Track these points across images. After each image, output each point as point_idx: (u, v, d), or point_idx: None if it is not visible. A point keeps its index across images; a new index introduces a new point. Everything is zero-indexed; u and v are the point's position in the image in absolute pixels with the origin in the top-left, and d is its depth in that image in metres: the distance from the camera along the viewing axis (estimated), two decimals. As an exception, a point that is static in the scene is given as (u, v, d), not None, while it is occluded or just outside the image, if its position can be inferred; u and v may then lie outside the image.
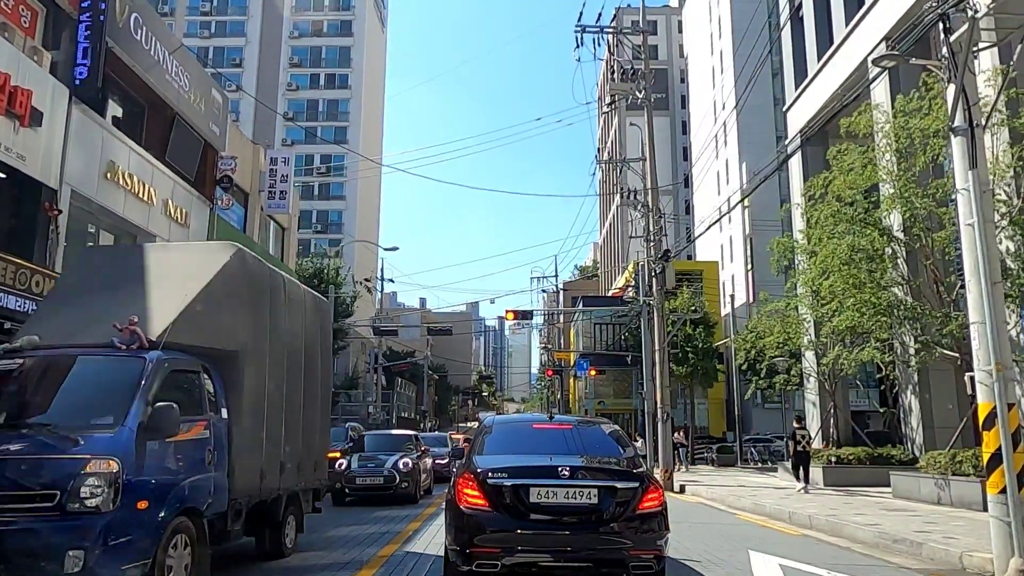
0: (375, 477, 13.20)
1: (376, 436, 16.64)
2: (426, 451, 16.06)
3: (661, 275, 19.28)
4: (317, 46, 72.18)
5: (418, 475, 13.94)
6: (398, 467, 13.32)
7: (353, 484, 13.16)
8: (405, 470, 13.31)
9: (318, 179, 68.02)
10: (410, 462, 13.58)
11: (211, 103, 17.70)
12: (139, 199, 14.26)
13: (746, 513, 12.70)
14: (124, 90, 14.95)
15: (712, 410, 44.34)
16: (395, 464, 13.38)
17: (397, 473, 13.19)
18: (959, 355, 13.43)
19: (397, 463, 13.38)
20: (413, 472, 13.52)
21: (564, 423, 6.97)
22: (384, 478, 13.15)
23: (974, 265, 7.13)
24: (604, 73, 46.10)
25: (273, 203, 21.89)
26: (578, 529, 5.31)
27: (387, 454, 13.87)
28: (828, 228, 14.71)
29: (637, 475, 5.61)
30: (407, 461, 13.54)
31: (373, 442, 15.42)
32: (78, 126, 12.40)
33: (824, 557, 8.06)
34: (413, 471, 13.53)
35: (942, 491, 12.56)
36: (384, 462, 13.44)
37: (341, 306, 38.43)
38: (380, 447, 14.74)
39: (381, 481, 13.13)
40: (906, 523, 9.87)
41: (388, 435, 17.04)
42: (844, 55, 21.38)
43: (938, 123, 12.90)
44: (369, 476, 13.23)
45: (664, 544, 5.53)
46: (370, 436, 16.48)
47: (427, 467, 15.72)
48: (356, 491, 13.16)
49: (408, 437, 16.13)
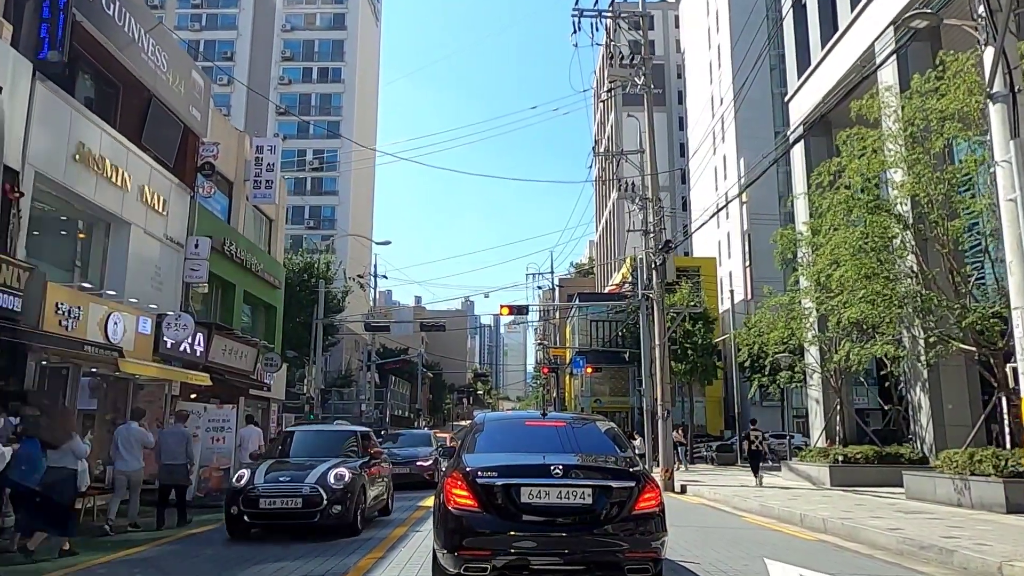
0: (290, 497, 8.91)
1: (306, 434, 11.96)
2: (379, 456, 11.49)
3: (661, 267, 18.59)
4: (310, 39, 71.23)
5: (360, 492, 9.46)
6: (327, 481, 8.98)
7: (255, 508, 8.82)
8: (338, 485, 8.98)
9: (311, 174, 67.13)
10: (347, 473, 9.20)
11: (192, 86, 16.89)
12: (112, 183, 13.44)
13: (753, 515, 12.02)
14: (96, 69, 14.13)
15: (710, 408, 43.76)
16: (323, 477, 9.06)
17: (324, 490, 8.88)
18: (976, 349, 12.80)
19: (326, 475, 9.08)
20: (351, 488, 9.15)
21: (558, 420, 6.68)
22: (304, 498, 8.86)
23: (1016, 244, 6.47)
24: (603, 59, 45.37)
25: (259, 193, 21.07)
26: (571, 530, 5.11)
27: (318, 460, 9.68)
28: (839, 216, 14.05)
29: (633, 474, 5.41)
30: (342, 472, 9.18)
31: (301, 443, 11.07)
32: (43, 103, 11.60)
33: (846, 566, 7.38)
34: (351, 486, 9.15)
35: (960, 492, 11.89)
36: (306, 474, 9.16)
37: (332, 301, 37.65)
38: (310, 450, 10.53)
39: (299, 504, 8.85)
40: (929, 527, 9.19)
41: (322, 432, 12.41)
42: (849, 41, 20.76)
43: (956, 103, 12.26)
44: (281, 496, 8.92)
45: (661, 546, 5.31)
46: (299, 434, 11.75)
47: (382, 478, 11.28)
48: (260, 518, 8.97)
49: (349, 435, 11.62)
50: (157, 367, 13.28)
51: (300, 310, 34.34)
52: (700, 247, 55.16)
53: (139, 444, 10.36)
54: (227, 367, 17.71)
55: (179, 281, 16.52)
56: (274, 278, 23.34)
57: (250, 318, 23.19)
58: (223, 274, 19.32)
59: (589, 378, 44.13)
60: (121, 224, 14.24)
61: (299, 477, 9.20)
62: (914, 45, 17.28)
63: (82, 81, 13.82)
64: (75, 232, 14.17)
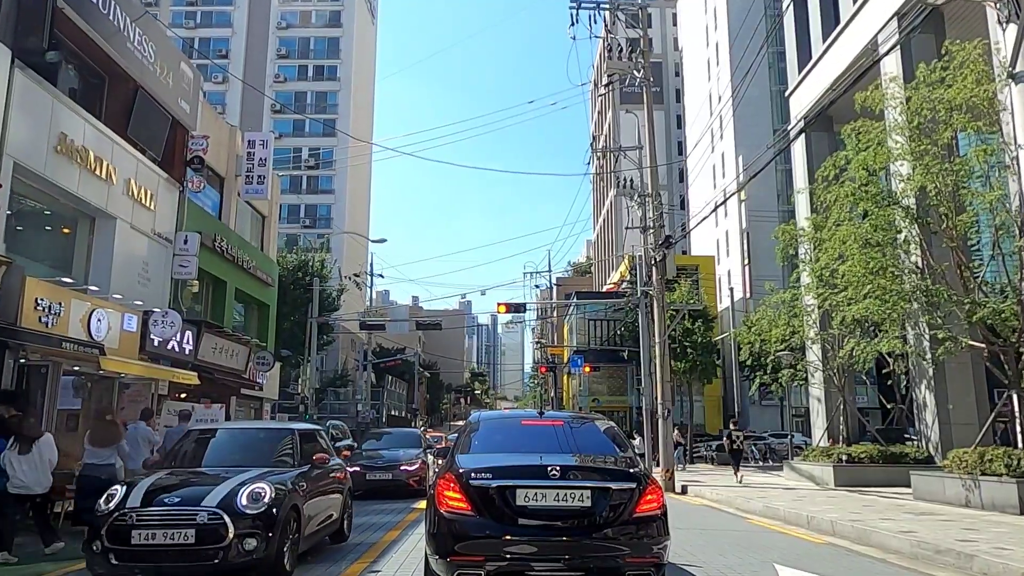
0: (177, 527, 5.97)
1: (223, 435, 8.31)
2: (325, 463, 7.82)
3: (661, 263, 18.22)
4: (305, 37, 70.73)
5: (290, 518, 6.56)
6: (236, 503, 6.15)
7: (125, 545, 5.92)
8: (253, 509, 6.15)
9: (306, 172, 66.67)
10: (267, 491, 6.31)
11: (180, 78, 16.47)
12: (96, 176, 13.03)
13: (758, 517, 11.65)
14: (80, 59, 13.70)
15: (709, 407, 43.42)
16: (231, 497, 6.18)
17: (231, 517, 6.02)
18: (986, 345, 12.45)
19: (237, 494, 6.21)
20: (274, 512, 6.26)
21: (555, 419, 6.40)
22: (198, 529, 5.96)
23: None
24: (601, 53, 45.01)
25: (251, 188, 20.66)
26: (569, 534, 4.89)
27: (235, 471, 6.73)
28: (845, 210, 13.70)
29: (634, 475, 5.19)
30: (260, 489, 6.30)
31: (217, 446, 7.77)
32: (23, 92, 11.20)
33: (861, 573, 7.04)
34: (275, 510, 6.26)
35: (970, 492, 11.55)
36: (207, 492, 6.25)
37: (327, 300, 37.24)
38: (227, 456, 7.44)
39: (190, 538, 5.94)
40: (943, 530, 8.83)
41: (247, 432, 8.73)
42: (851, 35, 20.44)
43: (965, 93, 11.92)
44: (164, 525, 5.98)
45: (664, 551, 5.08)
46: (223, 433, 8.42)
47: (333, 493, 8.13)
48: (133, 559, 5.97)
49: (283, 435, 8.01)
50: (142, 365, 12.88)
51: (295, 309, 33.94)
52: (698, 246, 54.85)
53: (146, 443, 10.30)
54: (217, 366, 17.32)
55: (168, 278, 16.12)
56: (267, 276, 22.95)
57: (242, 316, 22.79)
58: (214, 271, 18.93)
59: (587, 377, 43.79)
60: (106, 218, 13.83)
61: (195, 497, 6.17)
62: (918, 37, 16.96)
63: (65, 71, 13.38)
64: (59, 226, 13.78)
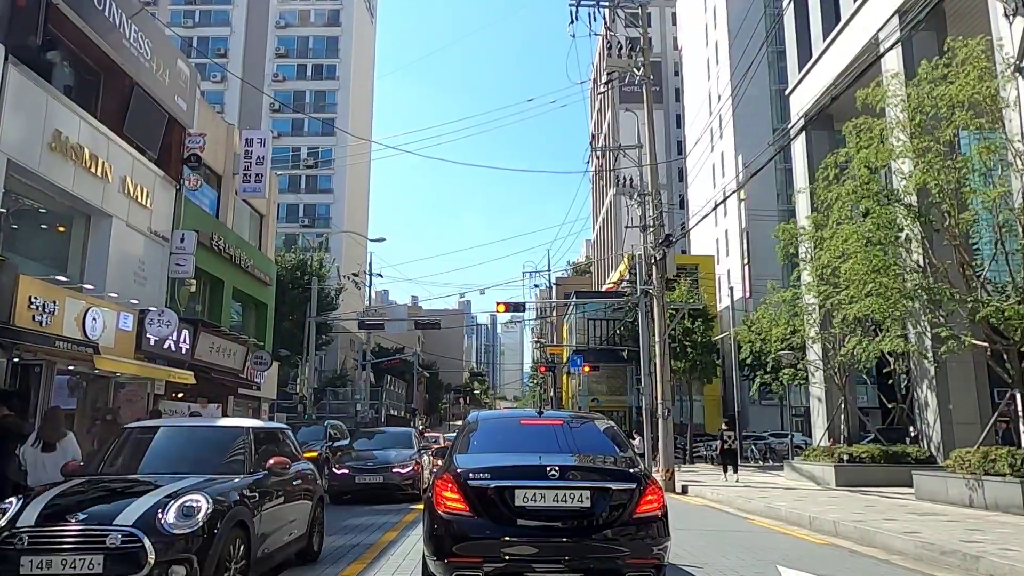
0: (82, 553, 4.64)
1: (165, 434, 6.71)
2: (285, 468, 6.35)
3: (661, 262, 18.12)
4: (304, 36, 70.61)
5: (235, 538, 5.27)
6: (159, 522, 4.80)
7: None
8: (184, 528, 4.83)
9: (305, 172, 66.54)
10: (203, 505, 4.99)
11: (177, 75, 16.35)
12: (91, 174, 12.91)
13: (759, 517, 11.54)
14: (75, 55, 13.59)
15: (708, 407, 43.35)
16: (152, 514, 4.84)
17: (152, 539, 4.70)
18: (989, 345, 12.35)
19: (162, 510, 4.88)
20: (211, 532, 4.96)
21: (554, 419, 6.34)
22: (109, 556, 4.62)
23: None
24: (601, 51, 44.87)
25: (248, 187, 20.56)
26: (568, 535, 4.83)
27: (171, 478, 5.45)
28: (847, 208, 13.61)
29: (634, 475, 5.13)
30: (194, 503, 4.99)
31: (156, 449, 6.39)
32: (16, 88, 11.07)
33: (865, 574, 6.92)
34: (211, 530, 4.96)
35: (974, 493, 11.45)
36: (124, 507, 4.91)
37: (326, 299, 37.12)
38: (168, 460, 6.16)
39: (98, 567, 4.58)
40: (947, 530, 8.73)
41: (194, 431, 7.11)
42: (852, 32, 20.36)
43: (967, 90, 11.82)
44: (66, 549, 4.66)
45: (664, 552, 5.02)
46: (163, 432, 6.74)
47: (298, 503, 6.76)
48: None
49: (236, 435, 6.55)
50: (137, 364, 12.77)
51: (293, 308, 33.84)
52: (698, 245, 54.78)
53: None
54: (214, 365, 17.20)
55: (164, 276, 16.01)
56: (265, 275, 22.84)
57: (240, 315, 22.68)
58: (211, 270, 18.81)
59: (586, 377, 43.68)
60: (102, 217, 13.72)
61: (107, 514, 4.84)
62: (919, 34, 16.88)
63: (60, 68, 13.28)
64: (54, 224, 13.66)
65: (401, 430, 17.51)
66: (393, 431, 17.13)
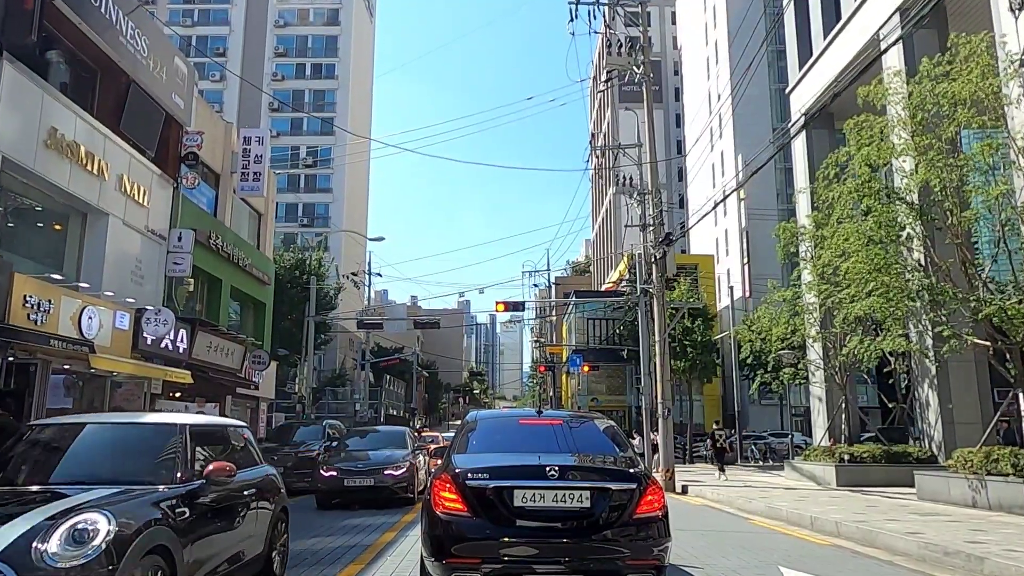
0: None
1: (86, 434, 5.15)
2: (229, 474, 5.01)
3: (661, 261, 18.04)
4: (303, 35, 70.49)
5: (151, 568, 3.88)
6: (36, 554, 3.42)
7: None
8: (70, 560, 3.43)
9: (304, 171, 66.44)
10: (100, 527, 3.63)
11: (174, 73, 16.28)
12: (87, 172, 12.84)
13: (760, 517, 11.46)
14: (72, 52, 13.52)
15: (708, 407, 43.27)
16: (27, 542, 3.45)
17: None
18: (991, 344, 12.28)
19: (39, 540, 3.48)
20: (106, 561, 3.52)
21: (554, 419, 6.28)
22: None
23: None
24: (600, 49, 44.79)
25: (246, 185, 20.46)
26: (568, 536, 4.78)
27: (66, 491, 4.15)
28: (848, 206, 13.52)
29: (634, 475, 5.07)
30: (89, 524, 3.63)
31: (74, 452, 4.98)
32: (11, 86, 11.00)
33: (867, 575, 6.84)
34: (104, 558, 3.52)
35: (977, 493, 11.38)
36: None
37: (324, 298, 37.02)
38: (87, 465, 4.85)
39: None
40: (950, 531, 8.65)
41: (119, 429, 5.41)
42: (852, 30, 20.29)
43: (970, 87, 11.74)
44: None
45: (665, 553, 4.96)
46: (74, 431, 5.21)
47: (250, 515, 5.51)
48: None
49: (169, 436, 5.06)
50: (133, 364, 12.68)
51: (292, 308, 33.73)
52: (698, 245, 54.71)
53: None
54: (212, 364, 17.12)
55: (161, 275, 15.93)
56: (263, 274, 22.75)
57: (238, 315, 22.59)
58: (209, 269, 18.73)
59: (586, 377, 43.59)
60: (98, 215, 13.64)
61: None
62: (921, 32, 16.81)
63: (56, 65, 13.19)
64: (49, 222, 13.57)
65: (395, 429, 16.51)
66: (387, 430, 16.31)
